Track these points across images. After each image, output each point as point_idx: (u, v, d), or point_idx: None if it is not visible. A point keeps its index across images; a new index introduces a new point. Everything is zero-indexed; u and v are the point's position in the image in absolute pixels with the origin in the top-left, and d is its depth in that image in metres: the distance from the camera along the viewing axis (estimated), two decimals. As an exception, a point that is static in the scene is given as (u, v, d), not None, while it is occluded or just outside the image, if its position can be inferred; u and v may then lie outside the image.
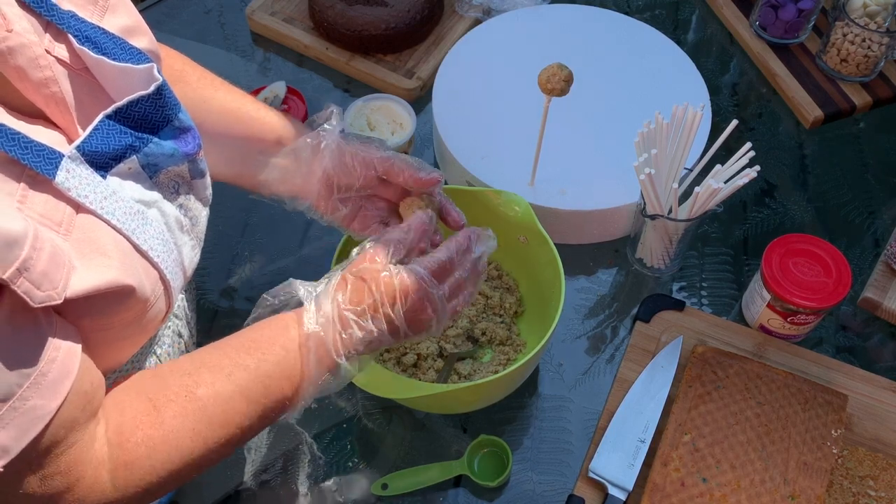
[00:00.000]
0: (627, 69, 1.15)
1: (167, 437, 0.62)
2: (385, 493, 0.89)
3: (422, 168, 0.80)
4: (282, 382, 0.67)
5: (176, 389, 0.64)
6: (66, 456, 0.56)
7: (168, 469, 0.62)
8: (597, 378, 0.97)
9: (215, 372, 0.65)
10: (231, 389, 0.65)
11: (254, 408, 0.66)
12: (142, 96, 0.59)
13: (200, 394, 0.64)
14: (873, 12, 1.17)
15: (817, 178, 1.15)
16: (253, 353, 0.67)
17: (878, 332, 1.02)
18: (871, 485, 0.87)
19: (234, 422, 0.65)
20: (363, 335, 0.68)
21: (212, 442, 0.64)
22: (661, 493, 0.84)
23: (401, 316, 0.69)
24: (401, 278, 0.69)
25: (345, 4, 1.21)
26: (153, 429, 0.62)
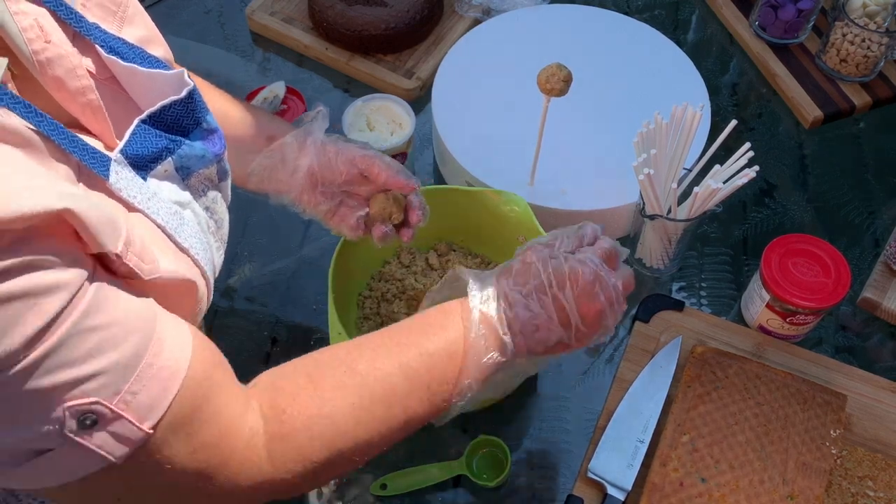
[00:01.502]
0: (627, 69, 1.15)
1: (325, 410, 0.60)
2: (384, 493, 0.89)
3: (401, 172, 0.83)
4: (445, 362, 0.65)
5: (334, 365, 0.63)
6: (216, 424, 0.55)
7: (327, 445, 0.60)
8: (596, 378, 0.97)
9: (375, 349, 0.64)
10: (391, 366, 0.63)
11: (416, 387, 0.64)
12: (175, 101, 0.60)
13: (360, 369, 0.63)
14: (873, 12, 1.17)
15: (817, 178, 1.15)
16: (414, 333, 0.66)
17: (878, 332, 1.02)
18: (870, 485, 0.87)
19: (395, 400, 0.63)
20: (529, 316, 0.66)
21: (373, 420, 0.62)
22: (659, 494, 0.84)
23: (571, 301, 0.66)
24: (570, 263, 0.67)
25: (344, 4, 1.21)
26: (310, 401, 0.60)
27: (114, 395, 0.48)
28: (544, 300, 0.66)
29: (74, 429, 0.47)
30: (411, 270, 1.01)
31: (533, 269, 0.67)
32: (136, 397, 0.49)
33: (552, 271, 0.67)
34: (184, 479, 0.54)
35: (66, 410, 0.46)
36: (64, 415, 0.46)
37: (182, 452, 0.53)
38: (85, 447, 0.48)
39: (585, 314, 0.67)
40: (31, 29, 0.52)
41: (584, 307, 0.67)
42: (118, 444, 0.49)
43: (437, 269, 1.02)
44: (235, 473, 0.57)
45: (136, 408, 0.49)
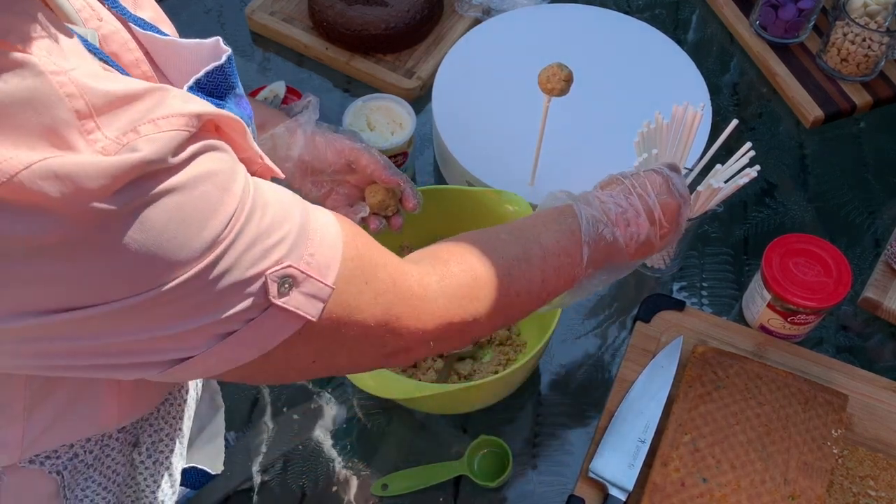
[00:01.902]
0: (627, 69, 1.15)
1: (481, 258, 0.67)
2: (385, 494, 0.89)
3: (388, 168, 0.88)
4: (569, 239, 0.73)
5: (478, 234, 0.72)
6: (385, 271, 0.59)
7: (488, 285, 0.67)
8: (597, 378, 0.97)
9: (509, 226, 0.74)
10: (524, 239, 0.72)
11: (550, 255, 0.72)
12: (216, 66, 0.62)
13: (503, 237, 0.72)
14: (873, 12, 1.17)
15: (817, 178, 1.15)
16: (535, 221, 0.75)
17: (879, 331, 1.02)
18: (871, 485, 0.87)
19: (535, 262, 0.70)
20: (621, 210, 0.76)
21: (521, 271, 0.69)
22: (661, 494, 0.84)
23: (654, 197, 0.78)
24: (646, 172, 0.80)
25: (344, 4, 1.21)
26: (465, 252, 0.68)
27: (299, 259, 0.52)
28: (631, 199, 0.77)
29: (276, 293, 0.50)
30: (412, 270, 1.01)
31: (616, 180, 0.80)
32: (315, 258, 0.53)
33: (634, 179, 0.79)
34: (372, 326, 0.58)
35: (268, 277, 0.50)
36: (266, 281, 0.50)
37: (365, 300, 0.57)
38: (287, 310, 0.51)
39: (666, 210, 0.78)
40: (85, 9, 0.54)
41: (664, 204, 0.78)
42: (312, 301, 0.52)
43: (438, 269, 1.02)
44: (417, 311, 0.61)
45: (318, 267, 0.53)
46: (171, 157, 0.44)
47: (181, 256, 0.45)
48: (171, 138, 0.45)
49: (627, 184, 0.79)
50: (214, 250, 0.47)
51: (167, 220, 0.44)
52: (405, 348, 0.63)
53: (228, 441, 0.94)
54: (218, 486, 0.91)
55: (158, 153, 0.44)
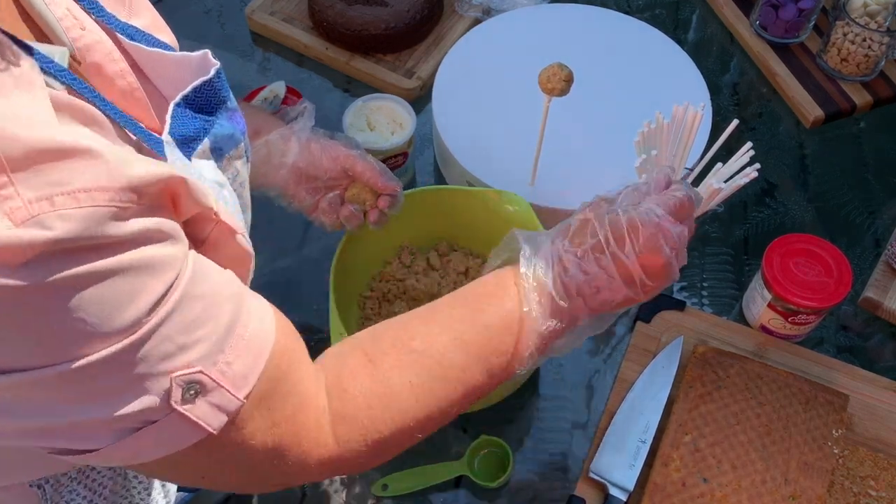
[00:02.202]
0: (627, 69, 1.15)
1: (384, 389, 0.60)
2: (385, 494, 0.89)
3: (384, 174, 0.86)
4: (502, 333, 0.64)
5: (390, 342, 0.63)
6: (292, 399, 0.55)
7: (388, 424, 0.61)
8: (597, 378, 0.97)
9: (430, 324, 0.64)
10: (447, 340, 0.63)
11: (474, 361, 0.63)
12: (205, 81, 0.60)
13: (415, 345, 0.62)
14: (874, 12, 1.17)
15: (818, 178, 1.15)
16: (469, 304, 0.65)
17: (879, 331, 1.02)
18: (871, 485, 0.87)
19: (453, 375, 0.62)
20: (586, 279, 0.64)
21: (432, 397, 0.62)
22: (661, 494, 0.84)
23: (632, 257, 0.63)
24: (629, 216, 0.64)
25: (344, 4, 1.21)
26: (370, 380, 0.60)
27: (212, 365, 0.48)
28: (602, 260, 0.64)
29: (179, 399, 0.47)
30: (412, 271, 1.01)
31: (590, 228, 0.65)
32: (232, 367, 0.49)
33: (609, 227, 0.64)
34: (262, 454, 0.55)
35: (174, 380, 0.46)
36: (171, 384, 0.46)
37: (263, 426, 0.54)
38: (188, 418, 0.48)
39: (649, 267, 0.64)
40: (67, 18, 0.52)
41: (647, 261, 0.64)
42: (217, 414, 0.49)
43: (438, 269, 1.02)
44: (306, 451, 0.58)
45: (233, 377, 0.49)
46: (90, 235, 0.41)
47: (91, 338, 0.42)
48: (88, 216, 0.41)
49: (602, 237, 0.64)
50: (128, 337, 0.44)
51: (79, 301, 0.41)
52: (287, 482, 0.59)
53: None
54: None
55: (71, 233, 0.40)
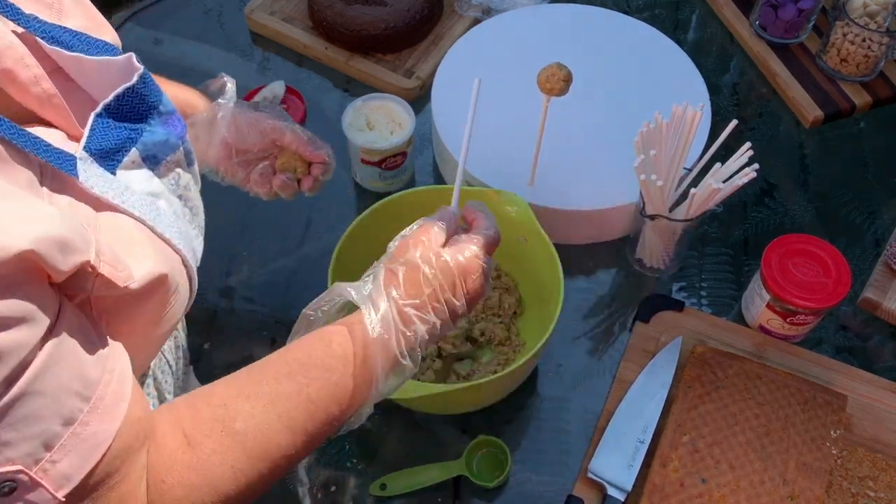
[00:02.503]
0: (627, 69, 1.15)
1: (204, 478, 0.58)
2: (384, 494, 0.89)
3: (312, 143, 0.88)
4: (329, 406, 0.62)
5: (211, 424, 0.59)
6: (117, 490, 0.53)
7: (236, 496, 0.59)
8: (596, 378, 0.97)
9: (253, 401, 0.61)
10: (271, 420, 0.60)
11: (299, 437, 0.61)
12: (128, 88, 0.58)
13: (238, 428, 0.59)
14: (873, 12, 1.17)
15: (817, 178, 1.15)
16: (294, 377, 0.62)
17: (878, 332, 1.02)
18: (870, 485, 0.87)
19: (276, 455, 0.61)
20: (426, 329, 0.65)
21: (253, 478, 0.60)
22: (660, 494, 0.84)
23: (462, 301, 0.67)
24: (456, 262, 0.67)
25: (344, 4, 1.21)
26: (189, 470, 0.58)
27: (34, 463, 0.46)
28: (438, 308, 0.66)
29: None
30: (411, 270, 1.01)
31: (422, 278, 0.65)
32: (56, 466, 0.47)
33: (440, 275, 0.66)
34: None
35: None
36: None
37: None
38: None
39: (470, 303, 0.68)
40: None
41: (471, 299, 0.68)
42: None
43: (437, 269, 1.02)
44: None
45: (55, 476, 0.47)
46: None
47: None
48: None
49: (436, 286, 0.65)
50: None
51: None
52: None
53: None
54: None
55: None
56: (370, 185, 1.11)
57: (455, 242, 0.69)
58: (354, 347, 0.63)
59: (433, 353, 0.94)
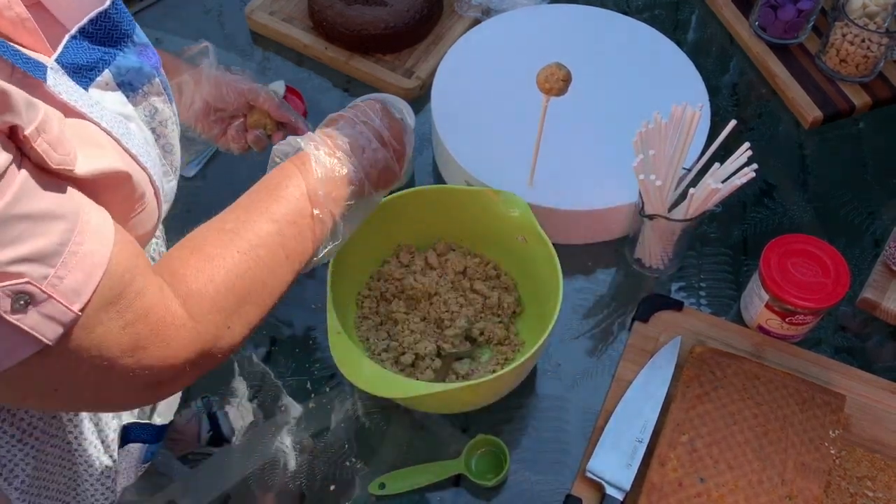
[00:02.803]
0: (627, 69, 1.15)
1: (215, 262, 0.66)
2: (383, 493, 0.89)
3: (282, 106, 0.97)
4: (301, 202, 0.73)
5: (205, 231, 0.69)
6: (141, 302, 0.58)
7: (231, 289, 0.66)
8: (595, 378, 0.97)
9: (237, 211, 0.72)
10: (257, 216, 0.71)
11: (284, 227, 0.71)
12: (101, 12, 0.61)
13: (228, 227, 0.69)
14: (873, 13, 1.17)
15: (817, 179, 1.15)
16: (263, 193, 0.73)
17: (877, 332, 1.02)
18: (868, 485, 0.87)
19: (271, 241, 0.70)
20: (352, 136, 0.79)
21: (259, 261, 0.68)
22: (658, 493, 0.84)
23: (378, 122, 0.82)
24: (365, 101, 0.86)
25: (344, 4, 1.21)
26: (201, 261, 0.66)
27: (42, 279, 0.50)
28: (359, 127, 0.81)
29: (9, 309, 0.49)
30: (410, 270, 1.01)
31: (337, 116, 0.82)
32: (63, 282, 0.52)
33: (352, 110, 0.83)
34: (119, 351, 0.57)
35: (1, 290, 0.48)
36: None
37: (114, 329, 0.56)
38: (19, 328, 0.50)
39: (393, 131, 0.83)
40: None
41: (390, 127, 0.83)
42: (50, 324, 0.51)
43: (437, 268, 1.02)
44: (167, 340, 0.60)
45: (64, 291, 0.52)
46: None
47: None
48: None
49: (349, 115, 0.81)
50: None
51: None
52: (157, 382, 0.61)
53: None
54: (215, 486, 0.91)
55: None
56: (370, 184, 1.11)
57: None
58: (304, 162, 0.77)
59: (432, 352, 0.95)
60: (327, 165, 0.76)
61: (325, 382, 0.97)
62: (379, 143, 0.81)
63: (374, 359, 0.94)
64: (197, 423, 0.97)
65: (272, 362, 1.00)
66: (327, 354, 0.98)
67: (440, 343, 0.96)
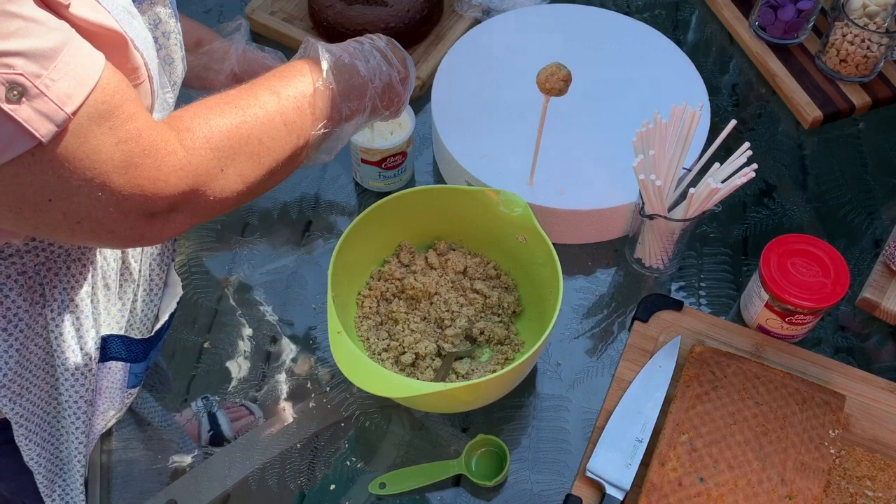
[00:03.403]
0: (627, 69, 1.15)
1: (212, 108, 0.70)
2: (383, 493, 0.89)
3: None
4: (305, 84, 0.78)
5: (207, 98, 0.73)
6: (134, 122, 0.60)
7: (226, 133, 0.70)
8: (595, 378, 0.98)
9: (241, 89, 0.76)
10: (258, 88, 0.75)
11: (284, 101, 0.76)
12: None
13: (231, 94, 0.74)
14: (873, 13, 1.17)
15: (816, 179, 1.15)
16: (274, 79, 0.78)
17: (877, 332, 1.02)
18: (868, 485, 0.87)
19: (270, 107, 0.74)
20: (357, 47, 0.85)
21: (256, 119, 0.72)
22: (658, 493, 0.84)
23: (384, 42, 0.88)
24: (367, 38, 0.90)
25: (344, 4, 1.21)
26: (199, 107, 0.70)
27: (35, 77, 0.53)
28: (366, 45, 0.87)
29: (3, 97, 0.51)
30: (410, 269, 1.01)
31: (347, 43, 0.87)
32: (56, 84, 0.54)
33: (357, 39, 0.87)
34: (111, 171, 0.59)
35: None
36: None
37: (107, 144, 0.59)
38: (12, 118, 0.52)
39: (397, 56, 0.89)
40: None
41: (395, 53, 0.88)
42: (43, 121, 0.54)
43: (437, 268, 1.02)
44: (158, 163, 0.63)
45: (57, 92, 0.54)
46: None
47: None
48: None
49: (354, 39, 0.87)
50: None
51: None
52: (151, 213, 0.64)
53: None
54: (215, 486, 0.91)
55: None
56: (370, 184, 1.11)
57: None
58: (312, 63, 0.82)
59: (432, 351, 0.95)
60: (335, 54, 0.82)
61: (325, 382, 0.97)
62: (383, 59, 0.86)
63: (374, 359, 0.94)
64: (197, 423, 0.98)
65: (272, 362, 1.00)
66: (327, 354, 0.98)
67: (440, 343, 0.96)
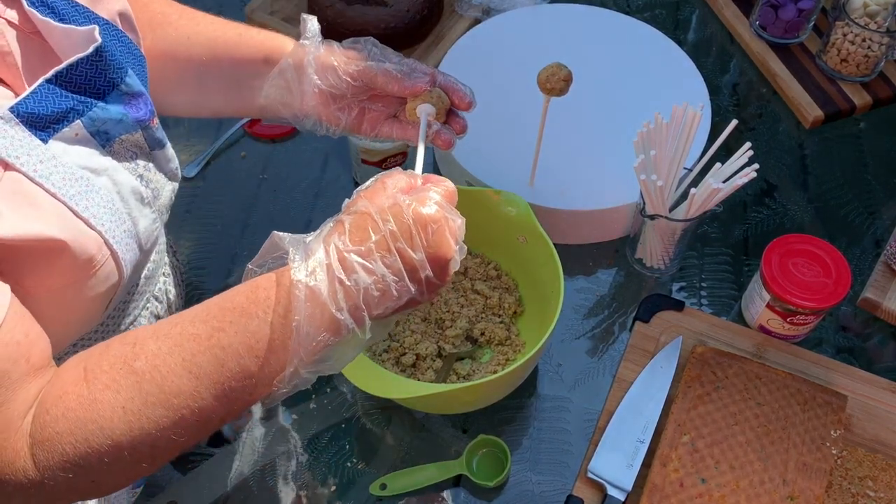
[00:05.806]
0: (627, 69, 1.15)
1: (92, 414, 0.55)
2: (384, 494, 0.89)
3: (406, 77, 0.76)
4: (242, 356, 0.56)
5: (113, 360, 0.56)
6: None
7: (95, 450, 0.55)
8: (596, 378, 0.97)
9: (161, 341, 0.57)
10: (173, 363, 0.56)
11: (203, 385, 0.56)
12: (80, 58, 0.59)
13: (137, 367, 0.55)
14: (873, 12, 1.17)
15: (817, 179, 1.15)
16: (209, 321, 0.57)
17: (878, 332, 1.02)
18: (870, 485, 0.87)
19: (175, 401, 0.56)
20: (372, 281, 0.56)
21: (147, 424, 0.55)
22: (659, 494, 0.84)
23: (422, 253, 0.57)
24: (414, 208, 0.57)
25: (344, 4, 1.21)
26: (78, 403, 0.55)
27: None
28: (389, 259, 0.57)
29: None
30: (411, 270, 1.01)
31: (371, 223, 0.57)
32: None
33: (393, 220, 0.57)
34: None
35: None
36: None
37: None
38: None
39: (435, 262, 0.58)
40: None
41: (435, 258, 0.58)
42: None
43: (437, 268, 1.02)
44: (2, 476, 0.54)
45: None
46: None
47: None
48: None
49: (387, 232, 0.57)
50: None
51: None
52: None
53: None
54: (215, 486, 0.91)
55: None
56: (370, 184, 1.11)
57: (413, 192, 0.61)
58: (278, 294, 0.57)
59: (433, 352, 0.95)
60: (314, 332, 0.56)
61: (325, 383, 0.97)
62: (409, 280, 0.58)
63: (374, 359, 0.94)
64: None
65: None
66: (328, 355, 0.98)
67: (441, 343, 0.96)
